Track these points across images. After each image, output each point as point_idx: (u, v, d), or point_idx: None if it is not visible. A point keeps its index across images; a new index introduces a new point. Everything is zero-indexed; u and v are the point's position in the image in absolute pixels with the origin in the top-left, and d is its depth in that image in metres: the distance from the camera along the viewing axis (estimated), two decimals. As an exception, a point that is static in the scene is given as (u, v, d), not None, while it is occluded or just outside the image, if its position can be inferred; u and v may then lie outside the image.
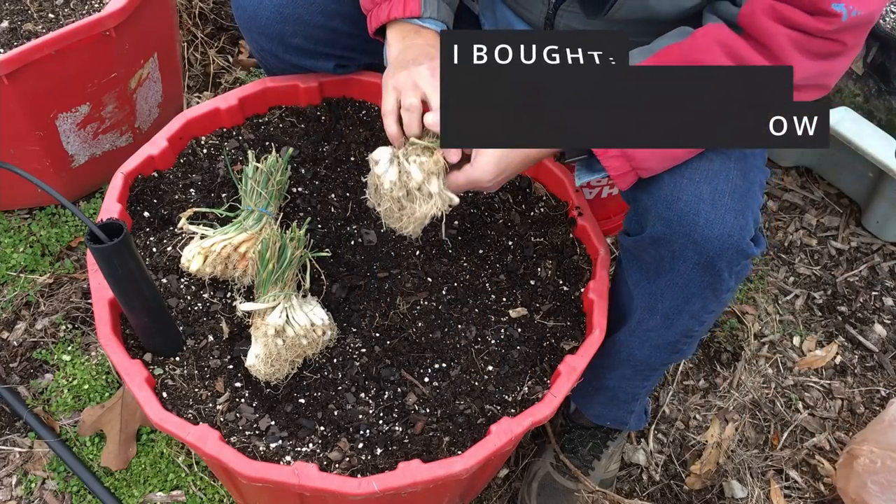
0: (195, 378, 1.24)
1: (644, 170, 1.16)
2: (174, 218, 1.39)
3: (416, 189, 1.18)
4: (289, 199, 1.44)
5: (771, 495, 1.71)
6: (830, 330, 1.98)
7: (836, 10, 1.06)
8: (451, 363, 1.30)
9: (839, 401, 1.87)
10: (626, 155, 1.14)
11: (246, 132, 1.52)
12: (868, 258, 2.11)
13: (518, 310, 1.36)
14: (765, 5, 1.10)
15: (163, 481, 1.63)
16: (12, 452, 1.68)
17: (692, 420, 1.82)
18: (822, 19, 1.08)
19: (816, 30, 1.08)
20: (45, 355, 1.78)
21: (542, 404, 1.22)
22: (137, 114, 1.97)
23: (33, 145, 1.80)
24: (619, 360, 1.43)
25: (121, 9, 1.70)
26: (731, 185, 1.16)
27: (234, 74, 2.34)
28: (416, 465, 1.14)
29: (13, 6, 1.81)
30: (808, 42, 1.09)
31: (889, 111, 2.05)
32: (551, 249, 1.44)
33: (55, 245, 1.94)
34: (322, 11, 1.39)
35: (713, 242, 1.15)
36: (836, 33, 1.09)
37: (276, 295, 1.22)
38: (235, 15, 1.44)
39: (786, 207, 2.20)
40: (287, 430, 1.21)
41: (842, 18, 1.07)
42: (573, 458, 1.63)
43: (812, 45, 1.10)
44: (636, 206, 1.24)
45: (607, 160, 1.15)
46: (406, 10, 1.28)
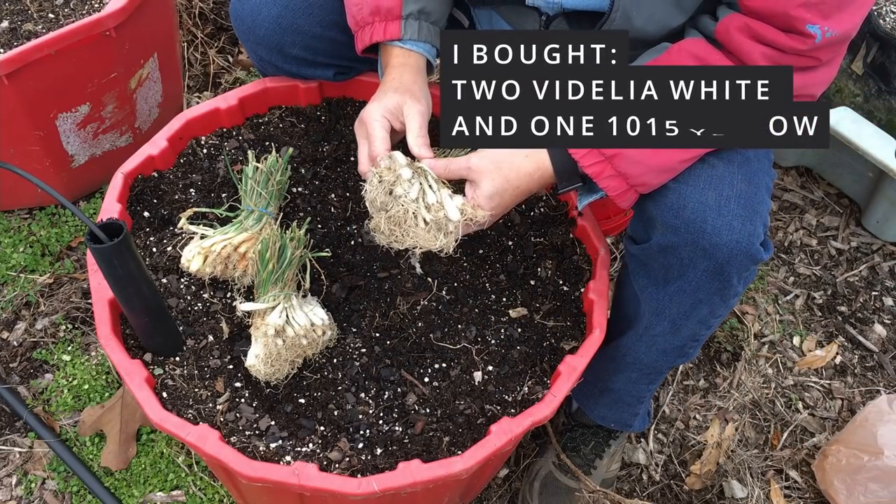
0: (195, 378, 1.24)
1: (641, 185, 1.15)
2: (174, 218, 1.39)
3: (435, 220, 1.16)
4: (289, 199, 1.44)
5: (771, 495, 1.71)
6: (830, 330, 1.98)
7: (811, 32, 1.07)
8: (451, 363, 1.30)
9: (839, 401, 1.87)
10: (622, 174, 1.13)
11: (246, 132, 1.52)
12: (868, 258, 2.11)
13: (518, 310, 1.36)
14: (739, 22, 1.11)
15: (163, 481, 1.63)
16: (12, 452, 1.68)
17: (692, 420, 1.82)
18: (796, 38, 1.08)
19: (790, 48, 1.09)
20: (45, 355, 1.78)
21: (542, 404, 1.22)
22: (137, 114, 1.97)
23: (33, 145, 1.80)
24: (626, 364, 1.43)
25: (121, 9, 1.70)
26: (737, 191, 1.16)
27: (234, 74, 2.34)
28: (416, 465, 1.14)
29: (13, 6, 1.81)
30: (782, 58, 1.10)
31: (889, 111, 2.05)
32: (551, 249, 1.44)
33: (55, 245, 1.94)
34: (320, 22, 1.39)
35: (722, 249, 1.14)
36: (811, 52, 1.09)
37: (276, 295, 1.22)
38: (234, 26, 1.45)
39: (786, 207, 2.20)
40: (287, 430, 1.21)
41: (815, 40, 1.07)
42: (575, 456, 1.63)
43: (786, 61, 1.10)
44: (641, 215, 1.24)
45: (603, 181, 1.14)
46: (386, 34, 1.29)
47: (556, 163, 1.17)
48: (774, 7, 1.07)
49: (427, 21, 1.31)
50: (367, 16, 1.30)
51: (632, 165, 1.12)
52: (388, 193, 1.17)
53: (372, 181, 1.19)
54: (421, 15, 1.29)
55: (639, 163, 1.12)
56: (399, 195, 1.16)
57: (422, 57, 1.32)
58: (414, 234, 1.16)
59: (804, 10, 1.06)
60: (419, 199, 1.17)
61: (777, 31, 1.08)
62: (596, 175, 1.14)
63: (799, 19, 1.06)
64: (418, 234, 1.16)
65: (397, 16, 1.28)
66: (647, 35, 1.23)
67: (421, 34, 1.30)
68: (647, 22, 1.21)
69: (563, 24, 1.28)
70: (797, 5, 1.05)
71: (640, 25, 1.21)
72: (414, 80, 1.29)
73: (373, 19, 1.29)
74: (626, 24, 1.19)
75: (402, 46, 1.30)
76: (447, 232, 1.17)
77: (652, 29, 1.22)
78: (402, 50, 1.31)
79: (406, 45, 1.30)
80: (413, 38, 1.30)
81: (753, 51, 1.10)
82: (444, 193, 1.18)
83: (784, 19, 1.07)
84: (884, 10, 2.07)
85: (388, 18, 1.28)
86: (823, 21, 1.06)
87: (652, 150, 1.11)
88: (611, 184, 1.14)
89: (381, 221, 1.18)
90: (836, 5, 1.06)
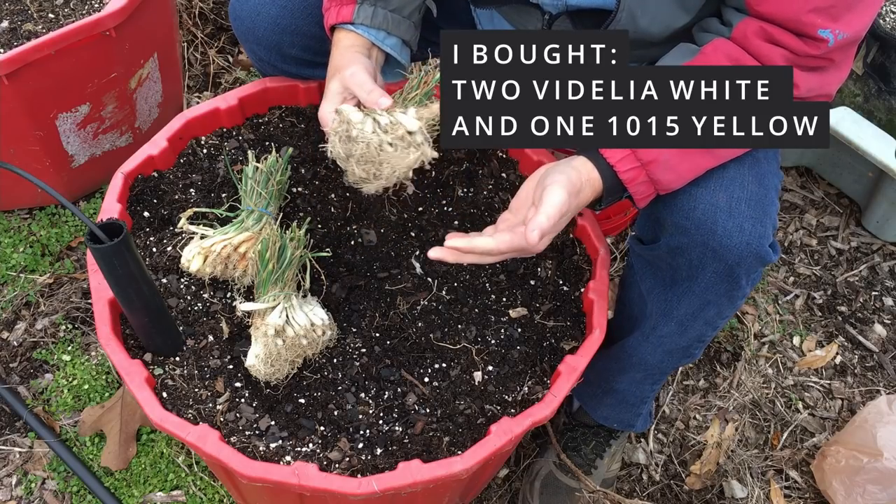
0: (195, 378, 1.24)
1: (665, 190, 1.15)
2: (174, 218, 1.39)
3: (399, 138, 1.16)
4: (289, 199, 1.44)
5: (771, 495, 1.71)
6: (830, 330, 1.98)
7: (823, 37, 1.07)
8: (451, 363, 1.30)
9: (839, 401, 1.87)
10: (653, 181, 1.12)
11: (246, 132, 1.52)
12: (868, 258, 2.11)
13: (518, 310, 1.36)
14: (755, 27, 1.11)
15: (163, 481, 1.63)
16: (12, 452, 1.68)
17: (692, 420, 1.82)
18: (809, 43, 1.09)
19: (804, 52, 1.09)
20: (45, 355, 1.78)
21: (542, 404, 1.22)
22: (137, 114, 1.97)
23: (33, 145, 1.80)
24: (631, 364, 1.43)
25: (121, 9, 1.70)
26: (748, 192, 1.16)
27: (234, 74, 2.34)
28: (416, 465, 1.14)
29: (13, 6, 1.81)
30: (798, 60, 1.11)
31: (889, 111, 2.05)
32: (551, 249, 1.44)
33: (55, 245, 1.94)
34: (319, 22, 1.39)
35: (732, 251, 1.14)
36: (824, 54, 1.10)
37: (276, 295, 1.22)
38: (233, 26, 1.45)
39: (786, 207, 2.20)
40: (287, 430, 1.21)
41: (828, 44, 1.08)
42: (576, 456, 1.63)
43: (802, 62, 1.11)
44: (650, 215, 1.23)
45: (635, 186, 1.13)
46: (339, 17, 1.28)
47: (606, 179, 1.13)
48: (786, 12, 1.07)
49: (385, 8, 1.30)
50: (327, 1, 1.30)
51: (664, 172, 1.11)
52: (347, 141, 1.18)
53: (331, 140, 1.20)
54: (378, 2, 1.28)
55: (671, 169, 1.11)
56: (355, 135, 1.17)
57: (371, 45, 1.30)
58: (387, 161, 1.16)
59: (815, 15, 1.06)
60: (376, 130, 1.16)
61: (791, 36, 1.09)
62: (629, 181, 1.13)
63: (810, 24, 1.06)
64: (391, 159, 1.16)
65: (352, 0, 1.28)
66: (651, 35, 1.23)
67: (375, 20, 1.29)
68: (651, 22, 1.21)
69: (566, 22, 1.28)
70: (808, 10, 1.06)
71: (644, 25, 1.21)
72: (350, 56, 1.27)
73: (330, 4, 1.30)
74: (631, 23, 1.19)
75: (354, 31, 1.29)
76: (416, 144, 1.17)
77: (656, 29, 1.22)
78: (352, 34, 1.29)
79: (357, 30, 1.29)
80: (365, 24, 1.28)
81: (773, 54, 1.10)
82: (396, 113, 1.18)
83: (796, 24, 1.07)
84: (884, 10, 2.07)
85: (344, 3, 1.28)
86: (834, 24, 1.07)
87: (682, 156, 1.11)
88: (640, 189, 1.14)
89: (354, 167, 1.18)
90: (845, 7, 1.07)
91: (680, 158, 1.11)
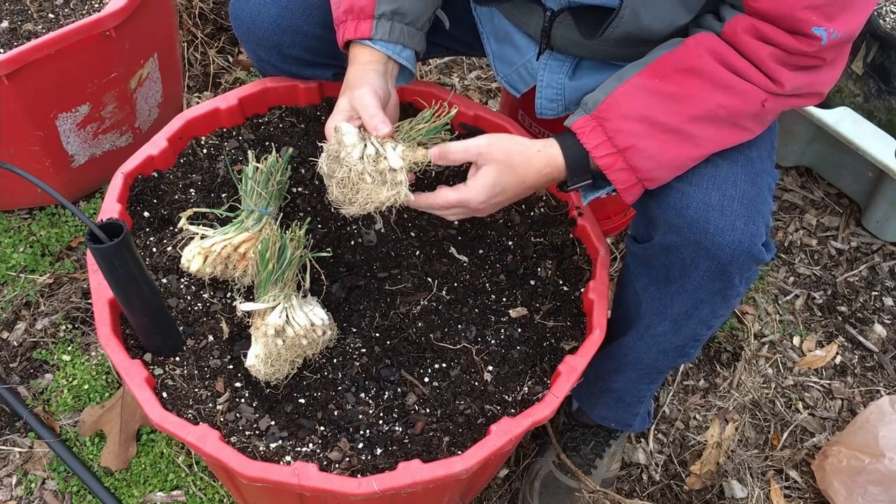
0: (195, 378, 1.24)
1: (649, 180, 1.15)
2: (174, 218, 1.39)
3: (379, 172, 1.17)
4: (289, 199, 1.44)
5: (771, 495, 1.71)
6: (830, 330, 1.98)
7: (817, 34, 1.07)
8: (451, 363, 1.30)
9: (839, 401, 1.87)
10: (632, 167, 1.14)
11: (246, 132, 1.52)
12: (868, 258, 2.11)
13: (518, 310, 1.36)
14: (746, 24, 1.11)
15: (163, 481, 1.63)
16: (12, 452, 1.68)
17: (692, 420, 1.82)
18: (802, 40, 1.09)
19: (796, 49, 1.09)
20: (45, 355, 1.78)
21: (543, 404, 1.22)
22: (137, 114, 1.97)
23: (33, 145, 1.80)
24: (626, 364, 1.43)
25: (121, 9, 1.70)
26: (740, 191, 1.16)
27: (234, 74, 2.34)
28: (416, 465, 1.14)
29: (13, 6, 1.81)
30: (789, 58, 1.11)
31: (889, 111, 2.05)
32: (551, 249, 1.44)
33: (55, 245, 1.94)
34: (319, 22, 1.39)
35: (724, 249, 1.15)
36: (817, 52, 1.10)
37: (276, 295, 1.22)
38: (233, 26, 1.45)
39: (786, 207, 2.20)
40: (287, 430, 1.21)
41: (821, 42, 1.08)
42: (575, 456, 1.63)
43: (793, 61, 1.11)
44: (644, 213, 1.23)
45: (614, 173, 1.15)
46: (357, 32, 1.28)
47: (569, 156, 1.17)
48: (781, 9, 1.07)
49: (401, 22, 1.29)
50: (342, 14, 1.29)
51: (643, 160, 1.13)
52: (334, 161, 1.19)
53: (322, 156, 1.21)
54: (395, 16, 1.28)
55: (650, 157, 1.13)
56: (342, 158, 1.18)
57: (390, 60, 1.30)
58: (362, 190, 1.17)
59: (810, 13, 1.06)
60: (363, 157, 1.17)
61: (784, 33, 1.09)
62: (607, 167, 1.14)
63: (805, 21, 1.06)
64: (368, 190, 1.17)
65: (369, 15, 1.27)
66: (653, 33, 1.23)
67: (392, 35, 1.29)
68: (654, 19, 1.21)
69: (567, 19, 1.28)
70: (803, 7, 1.06)
71: (647, 23, 1.21)
72: (364, 74, 1.27)
73: (346, 18, 1.29)
74: (634, 21, 1.19)
75: (372, 46, 1.29)
76: (394, 182, 1.17)
77: (659, 27, 1.22)
78: (370, 49, 1.29)
79: (376, 46, 1.29)
80: (384, 39, 1.28)
81: (760, 51, 1.10)
82: (387, 146, 1.18)
83: (790, 21, 1.07)
84: (884, 10, 2.07)
85: (361, 17, 1.28)
86: (829, 23, 1.07)
87: (663, 145, 1.12)
88: (620, 176, 1.15)
89: (333, 188, 1.19)
90: (840, 6, 1.06)
91: (659, 145, 1.12)
